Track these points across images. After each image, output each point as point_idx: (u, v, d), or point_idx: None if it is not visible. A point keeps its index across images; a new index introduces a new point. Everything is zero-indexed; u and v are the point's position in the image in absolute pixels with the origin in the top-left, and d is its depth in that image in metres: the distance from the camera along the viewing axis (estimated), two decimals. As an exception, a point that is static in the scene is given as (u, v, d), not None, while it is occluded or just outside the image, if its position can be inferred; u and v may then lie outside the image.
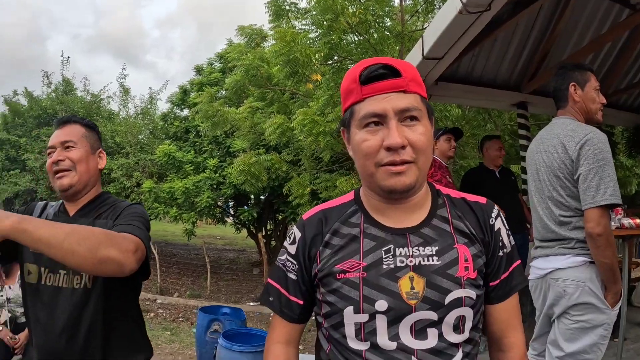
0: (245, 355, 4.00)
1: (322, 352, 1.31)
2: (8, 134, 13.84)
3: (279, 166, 6.94)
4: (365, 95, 1.15)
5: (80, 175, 1.78)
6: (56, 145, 1.79)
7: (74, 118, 1.90)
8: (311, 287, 1.29)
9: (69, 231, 1.32)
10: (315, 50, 5.92)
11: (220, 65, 11.57)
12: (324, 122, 5.70)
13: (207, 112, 6.76)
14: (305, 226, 1.30)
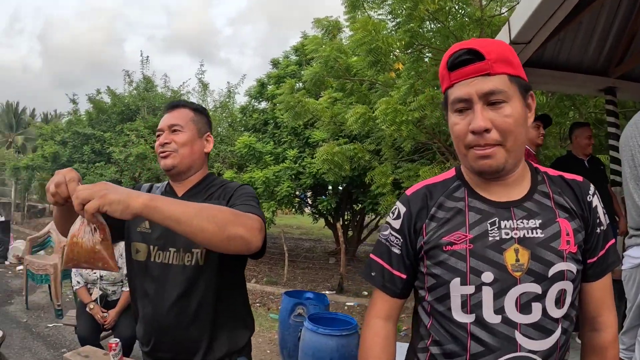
0: (330, 338, 4.11)
1: (422, 327, 1.34)
2: (93, 130, 14.52)
3: (361, 155, 6.98)
4: (453, 81, 1.20)
5: (182, 157, 1.83)
6: (164, 129, 1.86)
7: (183, 102, 1.96)
8: (415, 261, 1.33)
9: (199, 209, 1.35)
10: (396, 38, 5.90)
11: (296, 58, 11.70)
12: (406, 110, 5.68)
13: (289, 103, 6.88)
14: (410, 201, 1.35)
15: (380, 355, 1.35)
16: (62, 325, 5.83)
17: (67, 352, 4.87)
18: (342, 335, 4.13)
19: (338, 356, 4.10)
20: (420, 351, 1.33)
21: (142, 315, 1.81)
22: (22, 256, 9.47)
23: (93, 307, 4.23)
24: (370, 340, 1.37)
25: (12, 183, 20.06)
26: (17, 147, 37.24)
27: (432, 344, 1.28)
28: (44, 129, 18.11)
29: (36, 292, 7.38)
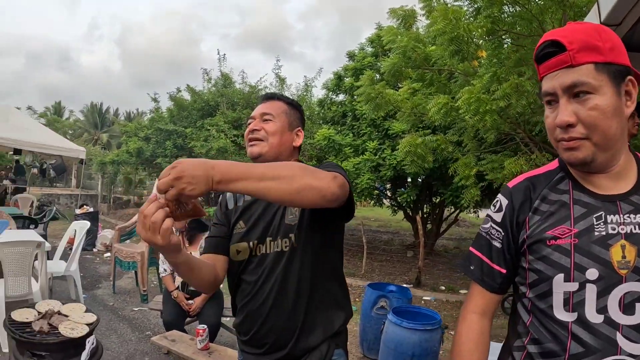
0: (413, 332, 4.02)
1: (521, 324, 1.28)
2: (175, 126, 14.99)
3: (444, 147, 6.81)
4: (542, 74, 1.18)
5: (270, 146, 1.80)
6: (256, 116, 1.85)
7: (278, 95, 1.95)
8: (516, 256, 1.27)
9: (264, 168, 1.28)
10: (477, 25, 5.70)
11: (371, 49, 11.60)
12: (489, 100, 5.49)
13: (369, 94, 6.80)
14: (512, 193, 1.29)
15: (474, 350, 1.32)
16: (147, 309, 6.05)
17: (153, 336, 5.06)
18: (425, 329, 4.04)
19: (420, 351, 4.02)
20: (516, 349, 1.29)
21: (241, 306, 1.82)
22: (109, 244, 9.95)
23: (177, 295, 4.35)
24: (464, 335, 1.34)
25: (98, 177, 21.13)
26: (102, 144, 39.20)
27: (530, 342, 1.23)
28: (127, 126, 18.98)
29: (123, 277, 7.69)
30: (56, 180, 23.85)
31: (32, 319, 2.93)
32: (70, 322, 2.90)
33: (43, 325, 2.81)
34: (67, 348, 2.76)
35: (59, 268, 5.77)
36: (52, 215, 9.74)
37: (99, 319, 3.12)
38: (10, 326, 2.83)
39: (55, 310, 3.04)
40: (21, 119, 13.61)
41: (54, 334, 2.80)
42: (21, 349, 2.77)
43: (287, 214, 1.73)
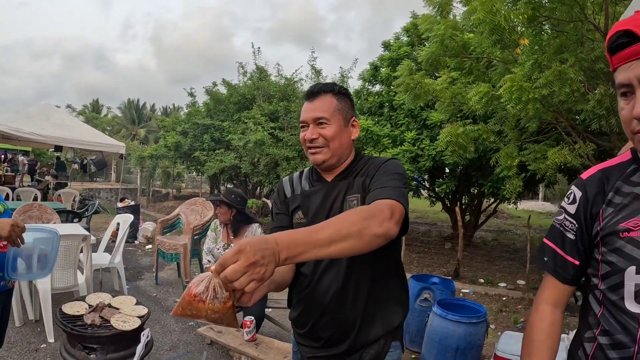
0: (459, 325, 3.97)
1: (592, 316, 1.27)
2: (212, 120, 15.22)
3: (486, 137, 6.69)
4: (615, 65, 1.15)
5: (333, 151, 1.76)
6: (308, 122, 1.77)
7: (324, 88, 1.81)
8: (589, 248, 1.27)
9: (331, 234, 1.24)
10: (517, 13, 5.56)
11: (407, 39, 11.45)
12: (531, 88, 5.36)
13: (408, 84, 6.72)
14: (586, 185, 1.29)
15: (545, 340, 1.33)
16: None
17: (196, 327, 5.14)
18: (471, 322, 3.98)
19: (465, 344, 3.97)
20: (587, 340, 1.29)
21: (298, 300, 1.83)
22: (150, 236, 10.13)
23: None
24: (537, 326, 1.35)
25: (137, 171, 21.53)
26: (140, 139, 39.92)
27: (601, 334, 1.23)
28: (165, 121, 19.27)
29: (164, 269, 7.82)
30: (96, 175, 24.43)
31: (83, 312, 2.99)
32: (122, 315, 2.95)
33: (95, 319, 2.86)
34: (118, 341, 2.80)
35: (103, 260, 5.90)
36: (94, 209, 9.95)
37: (150, 312, 3.16)
38: (62, 319, 2.89)
39: (105, 303, 3.10)
40: (61, 117, 13.96)
41: (106, 327, 2.85)
42: (72, 342, 2.83)
43: (345, 208, 1.72)
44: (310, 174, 1.92)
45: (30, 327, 4.86)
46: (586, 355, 1.28)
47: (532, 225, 9.16)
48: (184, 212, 7.51)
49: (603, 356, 1.21)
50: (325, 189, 1.81)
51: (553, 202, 25.93)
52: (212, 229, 4.68)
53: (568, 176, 9.72)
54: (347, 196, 1.74)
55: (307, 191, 1.85)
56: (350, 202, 1.72)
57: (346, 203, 1.73)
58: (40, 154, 27.26)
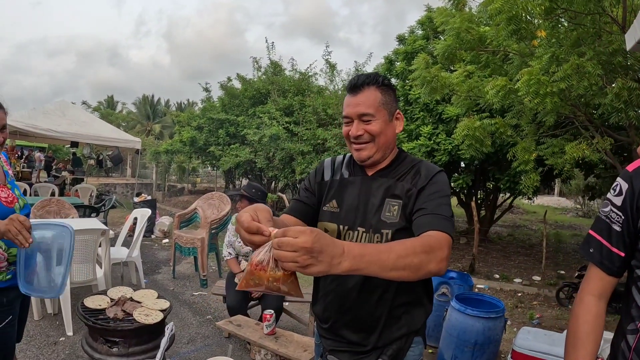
0: (477, 320, 3.96)
1: (634, 308, 1.28)
2: (227, 115, 15.29)
3: (503, 131, 6.64)
4: None
5: (378, 146, 1.71)
6: (352, 117, 1.71)
7: (367, 80, 1.71)
8: (635, 239, 1.27)
9: (395, 259, 1.25)
10: (535, 4, 5.50)
11: (422, 32, 11.39)
12: (549, 81, 5.32)
13: (425, 78, 6.67)
14: (632, 177, 1.29)
15: (590, 332, 1.32)
16: (207, 294, 6.20)
17: (214, 320, 5.18)
18: (489, 317, 3.97)
19: (483, 339, 3.96)
20: (630, 332, 1.29)
21: (323, 294, 1.81)
22: (167, 230, 10.21)
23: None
24: (582, 317, 1.35)
25: (152, 166, 21.66)
26: (155, 135, 40.13)
27: None
28: (180, 116, 19.35)
29: (182, 263, 7.88)
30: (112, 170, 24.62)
31: (105, 305, 3.01)
32: (144, 309, 2.97)
33: (117, 312, 2.88)
34: (141, 334, 2.83)
35: (121, 254, 5.95)
36: (112, 204, 10.04)
37: (172, 305, 3.19)
38: (84, 313, 2.91)
39: (127, 297, 3.13)
40: (77, 113, 14.11)
41: (129, 320, 2.87)
42: (94, 335, 2.85)
43: (384, 210, 1.69)
44: (351, 161, 1.89)
45: (49, 320, 4.92)
46: (629, 347, 1.28)
47: (548, 221, 9.10)
48: (201, 206, 7.55)
49: None
50: (364, 182, 1.78)
51: (569, 198, 25.70)
52: (232, 223, 4.71)
53: (585, 171, 9.64)
54: (388, 198, 1.70)
55: (345, 180, 1.83)
56: (392, 207, 1.69)
57: (386, 205, 1.70)
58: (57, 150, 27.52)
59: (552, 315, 6.36)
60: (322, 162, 1.98)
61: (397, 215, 1.66)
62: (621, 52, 5.17)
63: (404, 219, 1.65)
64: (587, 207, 21.06)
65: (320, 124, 12.51)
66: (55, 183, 13.72)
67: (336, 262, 1.13)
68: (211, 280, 6.74)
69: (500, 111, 7.43)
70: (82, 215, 8.00)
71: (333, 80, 15.07)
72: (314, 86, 15.47)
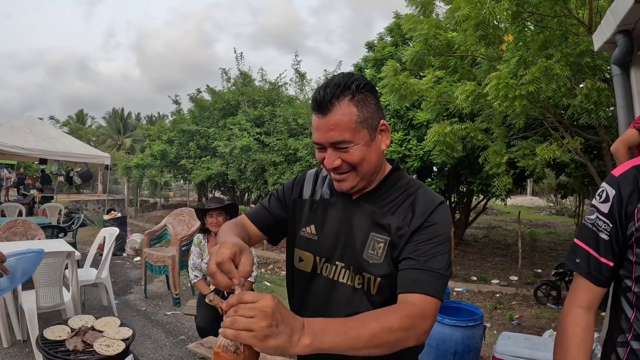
0: (456, 329, 3.93)
1: (624, 319, 1.25)
2: (197, 126, 15.21)
3: (474, 135, 6.67)
4: None
5: (362, 175, 1.43)
6: (325, 145, 1.40)
7: (337, 92, 1.35)
8: (624, 248, 1.22)
9: (368, 339, 1.10)
10: (502, 9, 5.54)
11: (390, 39, 11.47)
12: (517, 85, 5.34)
13: (393, 85, 6.68)
14: (619, 183, 1.24)
15: (581, 345, 1.27)
16: (180, 314, 6.04)
17: (187, 340, 5.03)
18: (467, 326, 3.94)
19: (463, 348, 3.93)
20: (620, 345, 1.25)
21: None
22: (138, 248, 10.00)
23: (213, 298, 4.28)
24: (570, 330, 1.29)
25: (124, 181, 21.36)
26: (126, 149, 39.69)
27: (634, 339, 1.20)
28: (150, 130, 19.17)
29: (154, 282, 7.71)
30: (83, 186, 24.18)
31: (66, 336, 2.86)
32: (105, 339, 2.83)
33: (77, 344, 2.73)
34: (102, 366, 2.69)
35: (90, 276, 5.77)
36: (80, 222, 9.80)
37: (135, 333, 3.05)
38: (44, 345, 2.77)
39: (88, 326, 2.98)
40: (45, 129, 13.83)
41: (89, 351, 2.73)
42: None
43: (367, 246, 1.45)
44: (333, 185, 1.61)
45: (18, 347, 4.72)
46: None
47: (522, 221, 9.17)
48: (171, 222, 7.40)
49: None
50: (347, 207, 1.53)
51: (541, 197, 26.17)
52: (195, 244, 4.57)
53: (556, 170, 9.77)
54: (374, 232, 1.45)
55: (326, 201, 1.58)
56: (377, 243, 1.43)
57: (370, 241, 1.45)
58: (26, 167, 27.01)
59: (532, 314, 6.38)
60: (303, 174, 1.72)
61: (382, 255, 1.42)
62: (589, 53, 5.23)
63: (390, 261, 1.41)
64: (559, 205, 21.43)
65: (292, 134, 12.48)
66: (24, 202, 13.41)
67: (296, 338, 1.00)
68: (184, 298, 6.58)
69: (470, 115, 7.48)
70: (50, 236, 7.76)
71: (303, 89, 15.09)
72: (284, 96, 15.47)
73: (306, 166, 11.17)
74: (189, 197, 22.21)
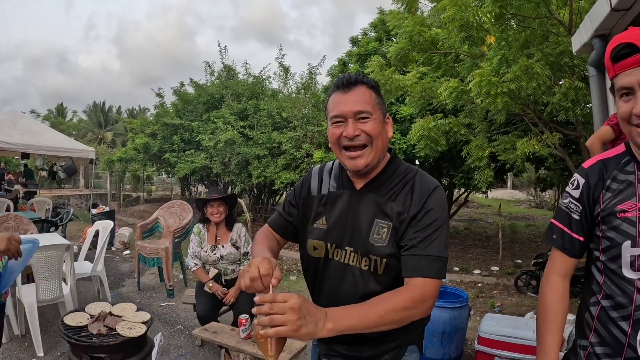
0: (443, 310, 4.18)
1: (595, 283, 1.51)
2: (181, 120, 15.13)
3: (457, 130, 6.89)
4: (617, 72, 1.39)
5: (376, 151, 1.56)
6: (347, 115, 1.53)
7: (359, 78, 1.57)
8: (592, 226, 1.51)
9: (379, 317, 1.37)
10: (486, 11, 5.75)
11: (375, 34, 11.60)
12: (499, 82, 5.56)
13: (380, 80, 6.81)
14: (588, 173, 1.53)
15: (558, 306, 1.57)
16: (174, 304, 6.18)
17: (185, 330, 5.19)
18: (454, 307, 4.17)
19: (450, 328, 4.16)
20: (592, 305, 1.51)
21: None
22: (127, 242, 10.07)
23: (212, 285, 4.45)
24: (549, 294, 1.59)
25: (106, 176, 21.24)
26: (107, 143, 39.21)
27: (604, 298, 1.46)
28: (133, 123, 19.03)
29: (145, 274, 7.82)
30: (65, 181, 23.97)
31: (86, 322, 3.01)
32: (126, 322, 2.98)
33: (100, 328, 2.89)
34: (127, 348, 2.85)
35: (85, 269, 5.86)
36: (69, 217, 9.85)
37: (153, 317, 3.21)
38: (65, 331, 2.90)
39: (107, 312, 3.14)
40: (28, 123, 13.67)
41: (113, 335, 2.88)
42: (78, 353, 2.84)
43: (372, 231, 1.60)
44: (339, 172, 1.77)
45: (17, 342, 4.76)
46: (592, 317, 1.50)
47: (502, 213, 9.42)
48: (163, 215, 7.49)
49: (606, 316, 1.44)
50: (352, 197, 1.67)
51: (521, 190, 26.55)
52: (195, 233, 4.70)
53: (536, 165, 10.01)
54: (378, 219, 1.60)
55: (333, 194, 1.72)
56: (381, 228, 1.59)
57: (375, 226, 1.59)
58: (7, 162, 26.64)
59: (512, 302, 6.61)
60: (309, 173, 1.88)
61: (386, 239, 1.58)
62: (568, 54, 5.46)
63: (394, 243, 1.57)
64: (539, 198, 21.82)
65: (276, 128, 12.52)
66: (8, 197, 13.31)
67: (321, 325, 1.27)
68: (177, 290, 6.72)
69: (453, 111, 7.67)
70: (41, 230, 7.84)
71: (287, 83, 15.15)
72: (268, 89, 15.49)
73: (290, 159, 11.26)
74: (172, 191, 22.17)
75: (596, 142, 3.54)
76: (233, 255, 4.59)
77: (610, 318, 1.43)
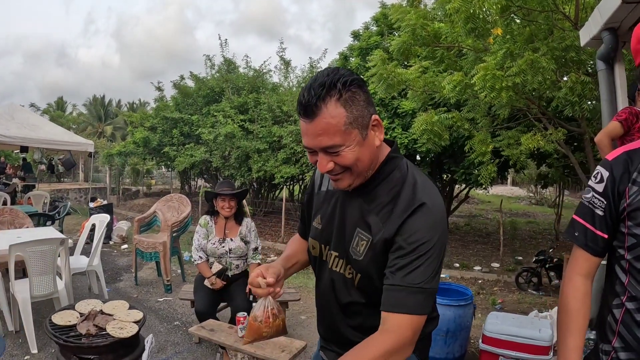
0: (448, 308, 4.10)
1: (618, 284, 1.40)
2: (180, 114, 15.07)
3: (460, 124, 6.79)
4: None
5: (358, 173, 1.38)
6: (314, 149, 1.35)
7: (324, 96, 1.27)
8: (617, 222, 1.39)
9: None
10: (492, 3, 5.65)
11: (376, 28, 11.51)
12: (504, 76, 5.47)
13: (382, 74, 6.75)
14: (612, 166, 1.41)
15: (580, 308, 1.44)
16: (172, 300, 6.10)
17: (182, 326, 5.11)
18: (459, 305, 4.11)
19: (455, 326, 4.09)
20: (616, 307, 1.40)
21: (318, 308, 1.73)
22: (125, 236, 9.99)
23: (215, 282, 4.36)
24: (571, 294, 1.46)
25: (105, 169, 21.15)
26: (107, 137, 39.17)
27: (628, 300, 1.36)
28: (133, 117, 18.95)
29: (143, 269, 7.73)
30: (64, 175, 23.89)
31: (75, 321, 2.89)
32: (117, 322, 2.87)
33: (89, 328, 2.77)
34: (117, 349, 2.74)
35: (81, 264, 5.77)
36: (66, 211, 9.76)
37: (146, 316, 3.11)
38: (53, 330, 2.79)
39: (97, 310, 3.02)
40: (27, 116, 13.60)
41: (102, 335, 2.77)
42: (66, 354, 2.74)
43: (352, 241, 1.48)
44: None
45: (11, 338, 4.65)
46: (615, 320, 1.40)
47: (503, 210, 9.36)
48: (160, 209, 7.41)
49: (631, 319, 1.34)
50: (343, 198, 1.55)
51: (522, 187, 26.51)
52: (202, 225, 4.60)
53: (537, 161, 9.95)
54: (359, 229, 1.46)
55: (330, 192, 1.61)
56: (360, 241, 1.45)
57: (356, 237, 1.46)
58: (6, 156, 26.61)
59: (513, 299, 6.56)
60: (312, 178, 1.77)
61: (363, 253, 1.43)
62: (574, 48, 5.36)
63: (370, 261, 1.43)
64: (539, 195, 21.77)
65: (276, 121, 12.47)
66: (6, 190, 13.22)
67: None
68: (175, 285, 6.64)
69: (456, 105, 7.59)
70: (37, 224, 7.74)
71: (288, 76, 15.05)
72: (268, 83, 15.41)
73: (290, 153, 11.20)
74: (172, 184, 22.10)
75: (605, 138, 3.44)
76: (241, 249, 4.50)
77: (636, 322, 1.33)
